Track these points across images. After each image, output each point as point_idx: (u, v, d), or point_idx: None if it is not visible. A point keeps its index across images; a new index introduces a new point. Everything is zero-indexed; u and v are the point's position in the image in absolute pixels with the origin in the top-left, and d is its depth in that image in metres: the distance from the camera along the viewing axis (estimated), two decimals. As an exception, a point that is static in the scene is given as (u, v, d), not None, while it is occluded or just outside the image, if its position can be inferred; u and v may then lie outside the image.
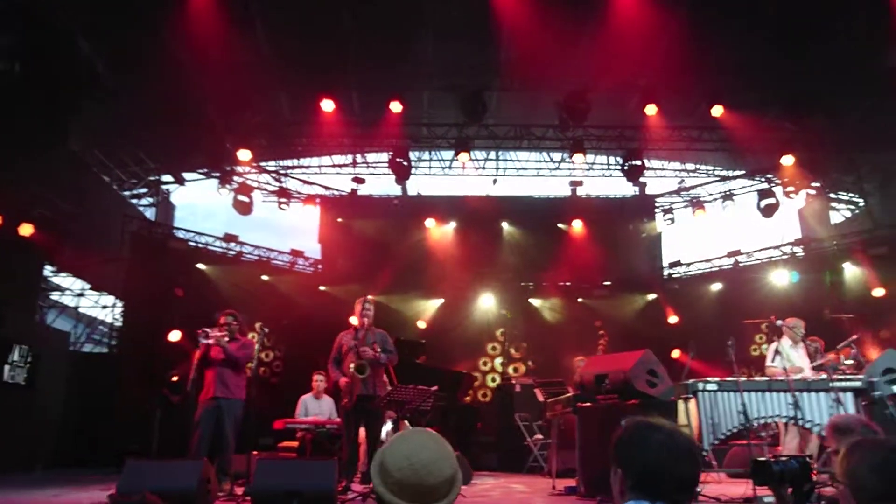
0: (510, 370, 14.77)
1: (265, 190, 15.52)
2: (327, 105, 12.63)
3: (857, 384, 6.50)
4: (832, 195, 16.56)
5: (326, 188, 16.26)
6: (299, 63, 12.32)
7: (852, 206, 16.43)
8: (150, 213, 15.40)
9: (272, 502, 5.39)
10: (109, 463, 10.07)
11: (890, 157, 14.23)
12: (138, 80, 12.05)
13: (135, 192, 15.56)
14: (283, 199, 15.39)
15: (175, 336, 11.46)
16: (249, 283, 13.91)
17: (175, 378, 10.50)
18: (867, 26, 11.32)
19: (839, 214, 16.82)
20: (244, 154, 13.35)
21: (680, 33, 11.01)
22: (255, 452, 6.83)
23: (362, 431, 7.23)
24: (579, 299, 15.43)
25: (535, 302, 15.56)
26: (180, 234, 14.16)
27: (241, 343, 7.09)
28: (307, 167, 16.29)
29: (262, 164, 15.70)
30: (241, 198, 14.29)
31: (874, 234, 13.75)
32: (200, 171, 15.69)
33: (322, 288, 14.72)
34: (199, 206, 31.34)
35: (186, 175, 15.83)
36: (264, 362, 13.61)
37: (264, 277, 14.42)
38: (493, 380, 14.72)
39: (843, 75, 12.35)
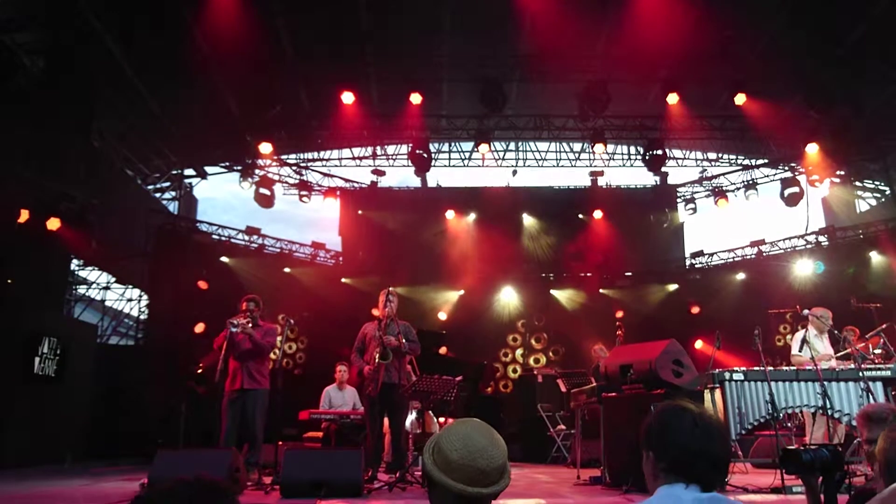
0: (531, 361, 14.77)
1: (286, 183, 15.63)
2: (347, 98, 12.68)
3: (887, 373, 6.43)
4: (857, 183, 16.34)
5: (346, 181, 16.35)
6: (319, 56, 12.38)
7: (878, 195, 16.19)
8: (172, 207, 15.57)
9: (301, 492, 5.46)
10: (137, 454, 10.24)
11: (917, 144, 14.01)
12: (161, 76, 12.18)
13: (158, 185, 15.75)
14: (303, 192, 15.49)
15: (200, 328, 11.61)
16: (272, 276, 14.02)
17: (200, 370, 10.64)
18: (888, 13, 11.12)
19: (865, 203, 16.58)
20: (265, 147, 13.45)
21: (701, 22, 10.89)
22: (280, 443, 6.89)
23: (386, 422, 7.28)
24: (601, 290, 15.37)
25: (557, 293, 15.52)
26: (203, 228, 14.32)
27: (264, 330, 7.15)
28: (327, 160, 16.38)
29: (283, 157, 15.81)
30: (263, 191, 14.40)
31: (901, 223, 13.54)
32: (222, 164, 15.85)
33: (343, 280, 14.80)
34: (218, 199, 31.75)
35: (208, 168, 15.99)
36: (287, 354, 13.73)
37: (286, 270, 14.52)
38: (515, 371, 14.73)
39: (867, 62, 12.16)
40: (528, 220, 15.95)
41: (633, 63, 12.62)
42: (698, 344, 13.00)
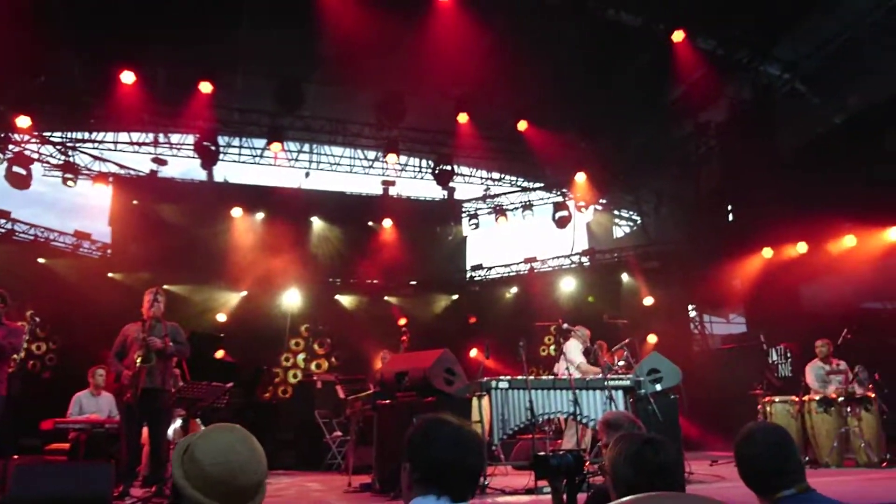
0: (313, 366, 14.58)
1: (47, 163, 13.90)
2: (127, 77, 11.64)
3: (627, 383, 7.25)
4: (615, 212, 18.37)
5: (122, 167, 14.94)
6: (99, 26, 11.19)
7: (631, 223, 18.34)
8: None
9: (34, 511, 4.85)
10: None
11: (663, 182, 16.09)
12: None
13: None
14: (68, 175, 13.85)
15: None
16: (22, 267, 12.38)
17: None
18: (651, 65, 12.72)
19: (620, 230, 18.69)
20: (23, 121, 11.88)
21: (494, 50, 11.57)
22: (15, 457, 6.06)
23: (145, 431, 6.71)
24: (386, 297, 15.64)
25: (342, 298, 15.52)
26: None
27: (8, 329, 6.26)
28: (100, 142, 14.82)
29: (46, 134, 14.05)
30: (18, 169, 12.64)
31: (648, 250, 15.45)
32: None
33: (111, 275, 13.51)
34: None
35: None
36: (35, 355, 12.20)
37: (41, 260, 12.95)
38: (295, 376, 14.43)
39: (630, 105, 13.76)
40: (318, 224, 15.77)
41: (430, 79, 13.05)
42: (473, 353, 13.71)
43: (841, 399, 8.18)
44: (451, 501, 1.96)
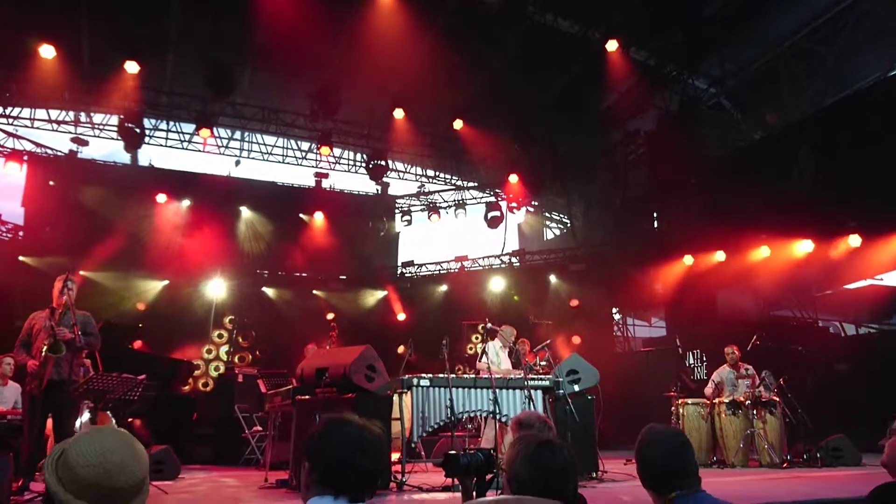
0: (236, 359, 14.25)
1: (-45, 137, 13.14)
2: (47, 51, 11.09)
3: (546, 383, 7.38)
4: (547, 214, 18.69)
5: (38, 145, 14.24)
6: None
7: (562, 226, 18.69)
8: None
9: (-80, 507, 4.57)
10: None
11: (593, 187, 16.47)
12: None
13: None
14: (-22, 152, 13.14)
15: None
16: (-79, 246, 11.67)
17: None
18: (585, 72, 12.99)
19: (551, 232, 19.02)
20: (-72, 90, 11.18)
21: (432, 49, 11.60)
22: None
23: (50, 423, 6.41)
24: (314, 291, 15.44)
25: (269, 291, 15.24)
26: None
27: None
28: (15, 118, 14.06)
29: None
30: (-79, 143, 11.92)
31: (576, 253, 15.78)
32: None
33: (22, 258, 12.87)
34: None
35: None
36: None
37: (-57, 240, 12.23)
38: (217, 369, 14.08)
39: (563, 110, 14.01)
40: (247, 214, 15.44)
41: (367, 73, 12.96)
42: (401, 349, 13.69)
43: (748, 402, 8.56)
44: (348, 502, 1.96)
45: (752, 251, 12.29)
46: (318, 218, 15.64)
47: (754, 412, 8.50)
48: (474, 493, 3.22)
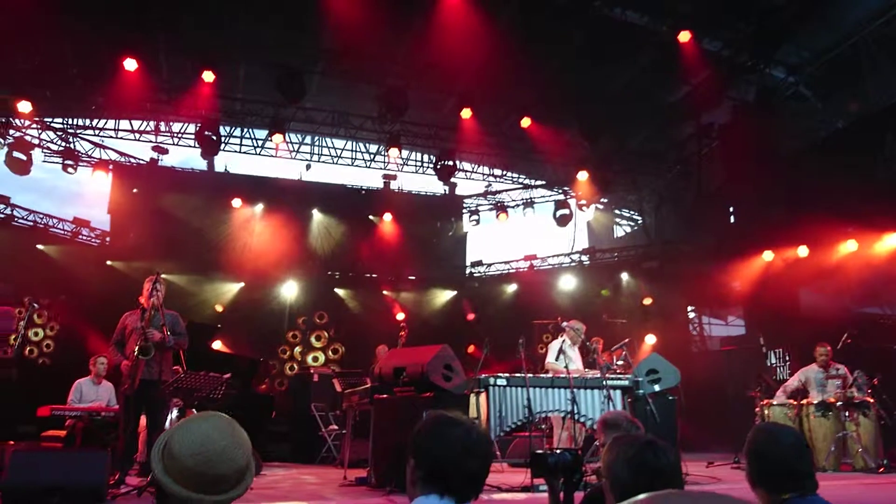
0: (310, 359, 14.55)
1: (48, 149, 13.85)
2: (130, 64, 11.54)
3: (625, 383, 7.24)
4: (616, 211, 18.34)
5: (122, 154, 14.91)
6: (93, 12, 11.06)
7: (632, 223, 18.31)
8: None
9: (30, 499, 4.82)
10: None
11: (665, 182, 16.06)
12: None
13: None
14: (69, 162, 13.81)
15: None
16: (21, 253, 12.37)
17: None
18: (655, 64, 12.67)
19: (621, 229, 18.66)
20: (24, 106, 11.81)
21: (499, 46, 11.51)
22: (10, 442, 6.03)
23: (143, 420, 6.69)
24: (385, 292, 15.61)
25: (341, 291, 15.49)
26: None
27: (-3, 312, 6.22)
28: (101, 129, 14.75)
29: (47, 120, 14.00)
30: (18, 155, 12.60)
31: (648, 250, 15.42)
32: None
33: (109, 263, 13.49)
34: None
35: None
36: (33, 341, 12.16)
37: (40, 247, 12.93)
38: (292, 368, 14.41)
39: (633, 104, 13.72)
40: (318, 216, 15.75)
41: (433, 74, 13.00)
42: (471, 349, 13.69)
43: (839, 404, 8.16)
44: (455, 502, 1.94)
45: (838, 245, 11.74)
46: (388, 219, 15.81)
47: (846, 414, 8.09)
48: (562, 494, 3.17)
